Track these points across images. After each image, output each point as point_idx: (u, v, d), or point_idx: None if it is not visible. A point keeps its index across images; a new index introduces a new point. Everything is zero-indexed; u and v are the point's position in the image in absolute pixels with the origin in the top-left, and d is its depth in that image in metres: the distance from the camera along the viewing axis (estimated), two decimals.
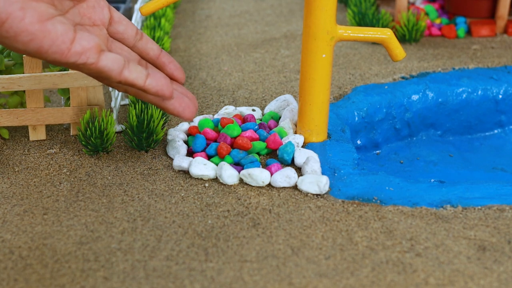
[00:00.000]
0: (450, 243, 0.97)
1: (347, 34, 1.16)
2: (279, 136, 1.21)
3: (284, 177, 1.10)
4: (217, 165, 1.15)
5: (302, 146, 1.21)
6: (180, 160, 1.15)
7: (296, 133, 1.24)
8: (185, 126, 1.27)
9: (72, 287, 0.90)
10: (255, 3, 2.07)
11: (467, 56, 1.61)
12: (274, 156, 1.20)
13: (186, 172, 1.15)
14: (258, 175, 1.10)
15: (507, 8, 1.74)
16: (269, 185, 1.11)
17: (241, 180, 1.12)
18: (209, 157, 1.18)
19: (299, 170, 1.15)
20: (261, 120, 1.30)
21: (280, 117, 1.30)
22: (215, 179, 1.13)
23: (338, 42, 1.23)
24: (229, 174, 1.11)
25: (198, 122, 1.25)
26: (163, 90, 0.78)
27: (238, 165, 1.15)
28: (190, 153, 1.20)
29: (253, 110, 1.32)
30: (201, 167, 1.13)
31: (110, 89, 1.23)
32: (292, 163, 1.17)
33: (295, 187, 1.11)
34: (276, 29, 1.83)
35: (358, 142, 1.37)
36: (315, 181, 1.08)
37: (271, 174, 1.11)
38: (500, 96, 1.46)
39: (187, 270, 0.93)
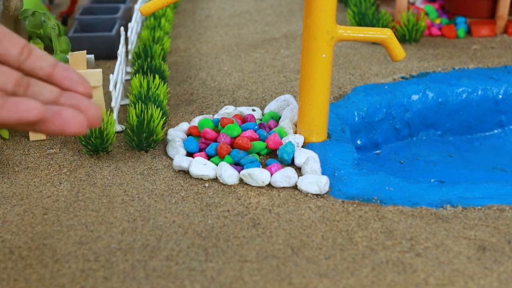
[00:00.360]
0: (450, 243, 0.97)
1: (347, 34, 1.16)
2: (279, 136, 1.21)
3: (284, 177, 1.10)
4: (217, 165, 1.15)
5: (302, 146, 1.21)
6: (180, 160, 1.15)
7: (296, 133, 1.24)
8: (185, 126, 1.27)
9: (72, 287, 0.90)
10: (255, 3, 2.06)
11: (467, 56, 1.61)
12: (274, 156, 1.20)
13: (186, 172, 1.15)
14: (258, 175, 1.10)
15: (507, 8, 1.74)
16: (269, 185, 1.11)
17: (241, 180, 1.12)
18: (209, 157, 1.18)
19: (299, 170, 1.15)
20: (261, 120, 1.30)
21: (280, 117, 1.30)
22: (215, 179, 1.13)
23: (338, 42, 1.23)
24: (229, 174, 1.11)
25: (198, 122, 1.25)
26: (28, 117, 0.67)
27: (238, 165, 1.15)
28: (190, 153, 1.20)
29: (253, 110, 1.32)
30: (201, 167, 1.13)
31: (111, 88, 1.23)
32: (292, 163, 1.17)
33: (295, 187, 1.11)
34: (276, 29, 1.83)
35: (358, 142, 1.37)
36: (315, 181, 1.08)
37: (271, 174, 1.11)
38: (500, 96, 1.46)
39: (187, 270, 0.93)
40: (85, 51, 1.22)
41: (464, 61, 1.58)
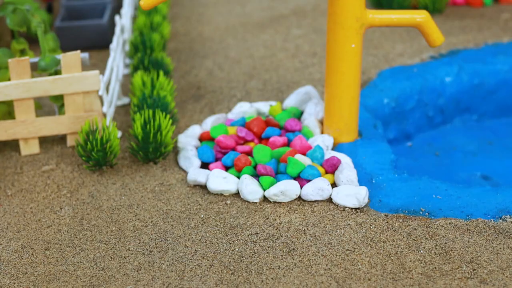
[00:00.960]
0: None
1: (378, 19, 1.01)
2: (305, 137, 1.07)
3: (317, 189, 0.96)
4: (238, 177, 1.01)
5: (332, 148, 1.07)
6: (196, 174, 1.01)
7: (323, 133, 1.10)
8: (196, 130, 1.12)
9: None
10: None
11: (498, 28, 1.45)
12: None
13: (203, 187, 1.01)
14: (291, 190, 0.96)
15: None
16: (299, 198, 0.98)
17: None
18: (226, 168, 1.04)
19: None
20: (270, 115, 1.14)
21: (301, 113, 1.15)
22: (237, 194, 0.99)
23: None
24: (250, 190, 0.97)
25: (210, 129, 1.09)
26: None
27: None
28: (205, 163, 1.06)
29: (271, 105, 1.17)
30: (221, 181, 0.99)
31: (101, 93, 1.08)
32: None
33: (329, 200, 0.97)
34: (283, 3, 1.66)
35: (388, 134, 1.23)
36: (353, 193, 0.95)
37: (301, 187, 0.97)
38: None
39: None
40: (79, 51, 1.07)
41: (496, 33, 1.43)
